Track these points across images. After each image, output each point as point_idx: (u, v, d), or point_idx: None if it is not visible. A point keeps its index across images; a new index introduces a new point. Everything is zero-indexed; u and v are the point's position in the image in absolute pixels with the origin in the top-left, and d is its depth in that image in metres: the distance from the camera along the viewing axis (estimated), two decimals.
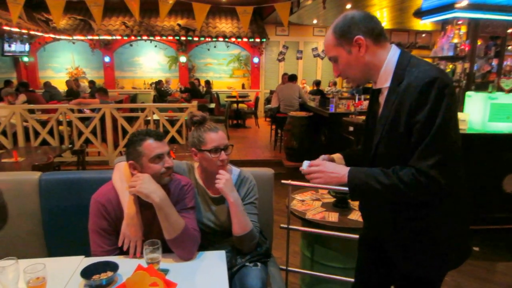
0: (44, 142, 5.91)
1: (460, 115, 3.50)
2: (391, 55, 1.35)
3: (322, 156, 1.59)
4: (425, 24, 8.63)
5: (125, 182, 1.73)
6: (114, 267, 1.50)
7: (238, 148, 7.46)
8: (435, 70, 1.25)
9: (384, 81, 1.36)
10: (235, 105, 10.09)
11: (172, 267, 1.60)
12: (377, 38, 1.33)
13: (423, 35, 11.79)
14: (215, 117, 8.47)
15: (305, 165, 1.47)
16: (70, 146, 5.69)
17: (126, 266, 1.55)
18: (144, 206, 1.70)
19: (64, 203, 2.11)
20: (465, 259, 1.43)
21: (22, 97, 7.68)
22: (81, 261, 1.65)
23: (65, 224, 2.11)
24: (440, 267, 1.40)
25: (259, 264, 1.87)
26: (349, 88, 10.74)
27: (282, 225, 2.42)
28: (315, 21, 10.19)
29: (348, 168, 1.38)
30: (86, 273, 1.46)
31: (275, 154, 7.02)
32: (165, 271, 1.54)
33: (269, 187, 2.25)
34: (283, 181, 2.33)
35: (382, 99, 1.39)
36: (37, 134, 5.93)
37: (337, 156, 1.65)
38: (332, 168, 1.41)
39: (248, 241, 1.83)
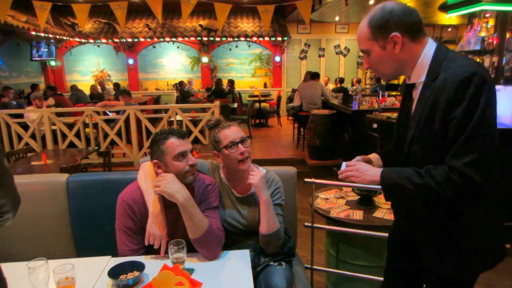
0: (71, 145, 6.05)
1: None
2: (427, 49, 1.29)
3: (358, 157, 1.56)
4: (451, 18, 8.37)
5: (149, 181, 1.76)
6: (140, 267, 1.52)
7: (261, 147, 7.46)
8: (474, 65, 1.19)
9: (419, 76, 1.31)
10: (257, 104, 10.09)
11: (197, 266, 1.62)
12: (415, 34, 1.27)
13: (449, 29, 11.46)
14: (237, 117, 8.49)
15: (344, 166, 1.48)
16: (96, 148, 5.82)
17: (152, 266, 1.58)
18: (168, 206, 1.72)
19: (91, 204, 2.15)
20: (500, 260, 1.38)
21: (51, 100, 7.89)
22: (109, 261, 1.68)
23: (92, 224, 2.16)
24: (474, 269, 1.36)
25: (283, 263, 1.86)
26: (372, 85, 10.58)
27: (306, 224, 2.40)
28: (337, 18, 10.07)
29: (381, 169, 1.36)
30: (113, 273, 1.48)
31: (298, 153, 6.98)
32: (191, 271, 1.55)
33: (292, 186, 2.24)
34: (306, 180, 2.31)
35: (416, 94, 1.35)
36: (64, 136, 6.08)
37: (373, 156, 1.62)
38: (366, 168, 1.39)
39: (274, 241, 1.82)
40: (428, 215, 1.37)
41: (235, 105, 9.18)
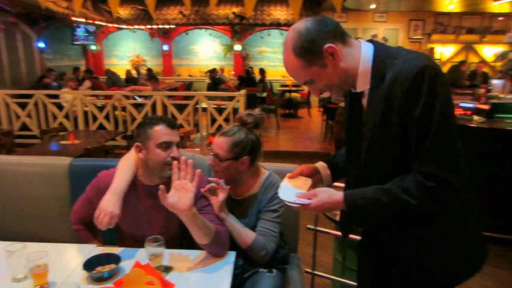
0: (101, 126, 6.33)
1: None
2: (364, 51, 1.17)
3: (299, 169, 1.44)
4: (502, 5, 7.77)
5: (131, 158, 1.71)
6: (116, 259, 1.48)
7: (287, 139, 7.35)
8: (420, 58, 1.09)
9: (365, 83, 1.18)
10: (288, 94, 9.92)
11: (177, 265, 1.53)
12: (343, 38, 1.17)
13: (500, 18, 10.57)
14: (265, 106, 8.39)
15: (285, 183, 1.38)
16: (124, 131, 5.95)
17: (127, 260, 1.53)
18: (143, 197, 1.67)
19: None
20: (485, 260, 1.27)
21: (87, 83, 8.19)
22: (92, 250, 1.64)
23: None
24: (450, 282, 1.25)
25: (274, 270, 1.75)
26: None
27: (309, 226, 2.30)
28: (373, 6, 9.65)
29: (341, 195, 1.21)
30: (90, 264, 1.45)
31: (324, 146, 6.81)
32: (168, 269, 1.49)
33: None
34: None
35: (365, 101, 1.21)
36: (95, 118, 6.35)
37: (320, 164, 1.49)
38: (326, 199, 1.22)
39: (256, 252, 1.68)
40: (399, 227, 1.24)
41: (264, 94, 9.07)
